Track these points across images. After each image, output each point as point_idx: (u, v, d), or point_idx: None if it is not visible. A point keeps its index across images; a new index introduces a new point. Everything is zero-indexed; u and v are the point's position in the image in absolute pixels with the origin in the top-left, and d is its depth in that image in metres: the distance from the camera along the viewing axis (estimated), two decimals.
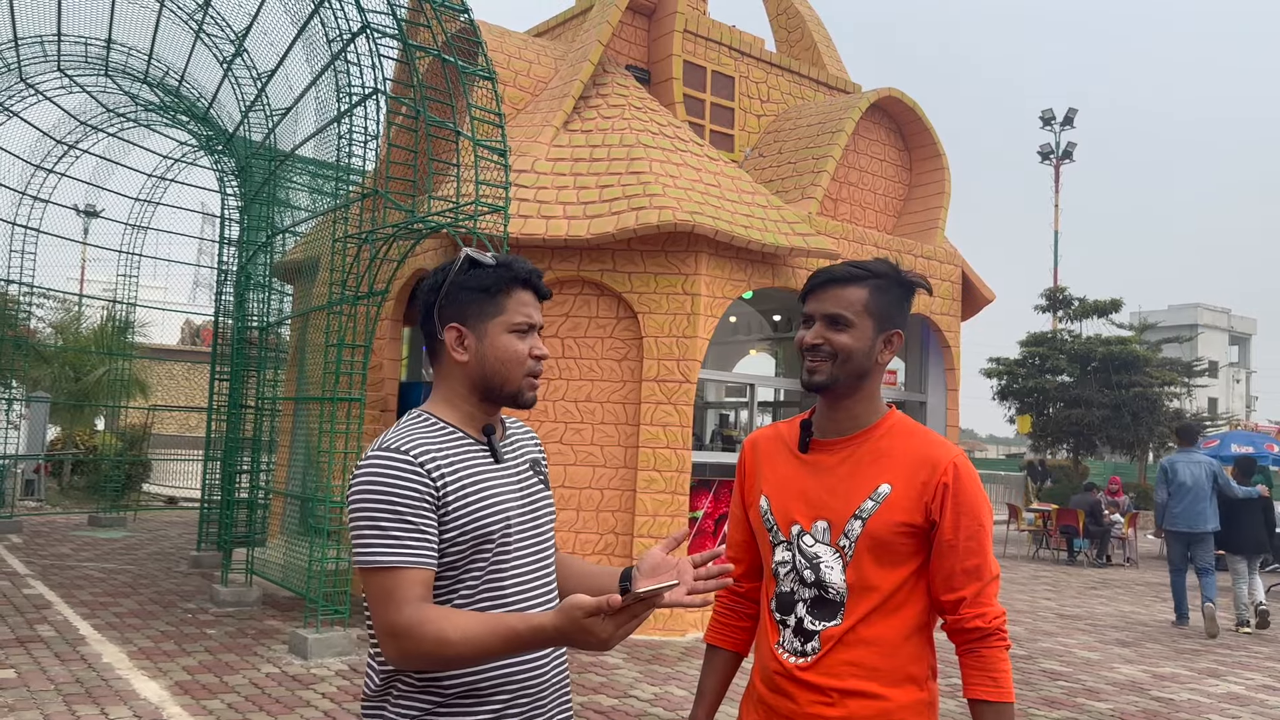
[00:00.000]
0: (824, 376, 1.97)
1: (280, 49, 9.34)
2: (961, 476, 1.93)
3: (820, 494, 1.99)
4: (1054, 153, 34.94)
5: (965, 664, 1.96)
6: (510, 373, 1.85)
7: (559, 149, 9.07)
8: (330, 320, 7.66)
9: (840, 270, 1.99)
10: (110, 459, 15.67)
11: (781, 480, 2.06)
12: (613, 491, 8.45)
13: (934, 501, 1.92)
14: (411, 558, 1.69)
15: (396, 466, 1.72)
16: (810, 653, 1.95)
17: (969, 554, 1.92)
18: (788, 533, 2.01)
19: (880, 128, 11.12)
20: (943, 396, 11.30)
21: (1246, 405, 62.95)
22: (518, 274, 1.86)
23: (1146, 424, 24.27)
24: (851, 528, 1.94)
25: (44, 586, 9.17)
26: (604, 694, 6.36)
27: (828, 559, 1.96)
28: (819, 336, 1.97)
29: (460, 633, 1.62)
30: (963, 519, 1.92)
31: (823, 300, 1.98)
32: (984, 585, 1.93)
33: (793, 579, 2.00)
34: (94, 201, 15.49)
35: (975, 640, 1.94)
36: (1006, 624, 1.96)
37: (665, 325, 8.48)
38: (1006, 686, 1.93)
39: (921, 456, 1.95)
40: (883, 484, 1.94)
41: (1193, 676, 7.88)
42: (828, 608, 1.95)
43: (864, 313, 1.96)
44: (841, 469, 1.99)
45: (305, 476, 8.92)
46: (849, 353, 1.96)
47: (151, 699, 5.81)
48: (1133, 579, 14.36)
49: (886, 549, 1.92)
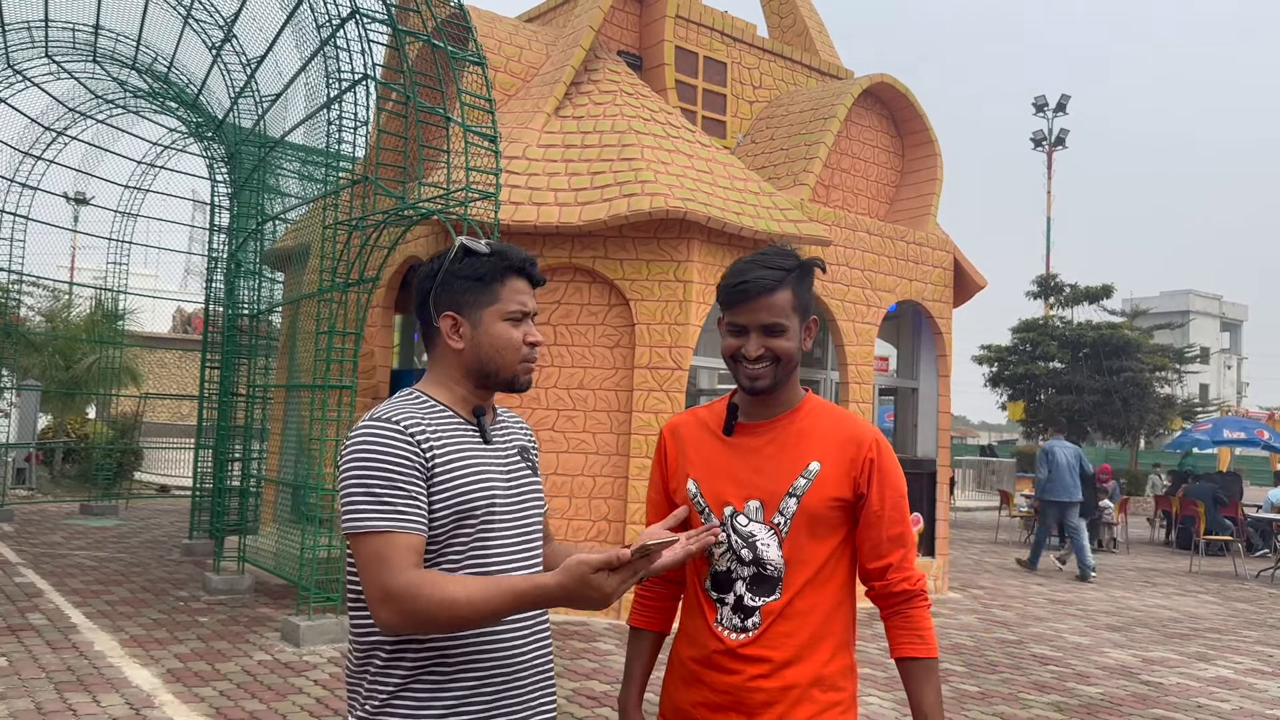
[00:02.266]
0: (768, 382, 2.03)
1: (269, 35, 9.27)
2: (884, 452, 2.06)
3: (749, 474, 2.06)
4: (1047, 139, 34.90)
5: (892, 625, 2.07)
6: (505, 359, 1.88)
7: (550, 135, 9.03)
8: (321, 307, 7.63)
9: (766, 277, 2.01)
10: (102, 447, 15.63)
11: (708, 463, 2.11)
12: (605, 479, 8.45)
13: (861, 476, 2.03)
14: (404, 522, 1.69)
15: (388, 435, 1.74)
16: (751, 628, 2.01)
17: (893, 523, 2.05)
18: (720, 514, 2.07)
19: (872, 114, 11.10)
20: (934, 383, 11.31)
21: (1238, 391, 63.23)
22: (512, 262, 1.89)
23: (1138, 410, 24.34)
24: (787, 505, 2.02)
25: (35, 575, 9.15)
26: (596, 679, 6.37)
27: (763, 537, 2.03)
28: (760, 347, 2.02)
29: (465, 592, 1.63)
30: (887, 491, 2.04)
31: (755, 311, 2.01)
32: (907, 551, 2.06)
33: (729, 558, 2.06)
34: (83, 189, 15.39)
35: (902, 602, 2.05)
36: (926, 586, 2.08)
37: (657, 312, 8.47)
38: (932, 643, 2.04)
39: (847, 435, 2.06)
40: (812, 462, 2.03)
41: (1182, 660, 7.93)
42: (766, 583, 2.02)
43: (793, 312, 2.03)
44: (768, 449, 2.07)
45: (297, 464, 8.90)
46: (790, 354, 2.03)
47: (143, 686, 5.81)
48: (1123, 564, 14.43)
49: (820, 523, 2.02)
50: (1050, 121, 34.92)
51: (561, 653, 7.05)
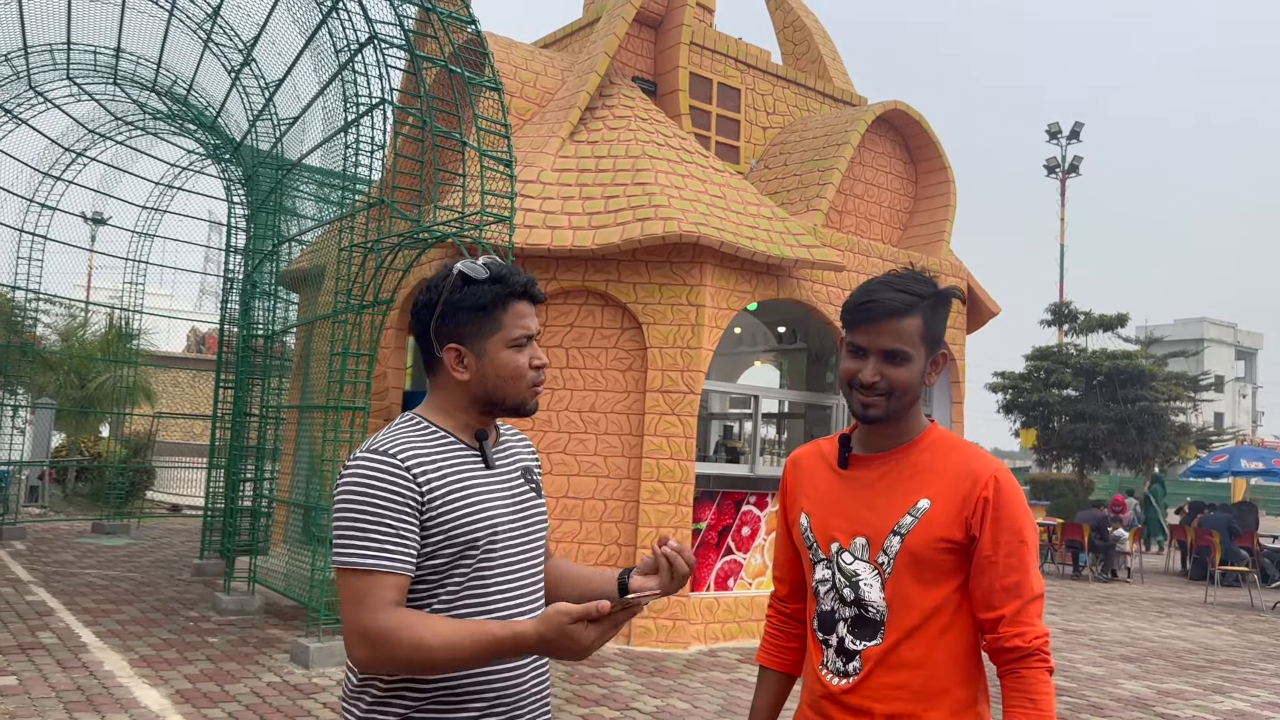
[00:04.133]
0: (880, 411, 1.90)
1: (288, 59, 9.38)
2: (1003, 490, 1.87)
3: (859, 510, 1.95)
4: (1060, 166, 34.89)
5: (1005, 685, 1.88)
6: (513, 388, 1.85)
7: (565, 159, 9.08)
8: (335, 329, 7.66)
9: (896, 300, 1.87)
10: (114, 466, 15.68)
11: (821, 497, 2.02)
12: (616, 502, 8.43)
13: (974, 516, 1.86)
14: (388, 562, 1.68)
15: (381, 469, 1.71)
16: (852, 673, 1.90)
17: (1009, 570, 1.85)
18: (827, 550, 1.97)
19: (886, 140, 11.13)
20: (948, 409, 11.27)
21: (1253, 420, 62.78)
22: (514, 288, 1.84)
23: (1152, 439, 24.17)
24: (890, 544, 1.89)
25: (46, 593, 9.17)
26: (606, 706, 6.33)
27: (866, 576, 1.91)
28: (877, 374, 1.88)
29: (439, 639, 1.61)
30: (1003, 534, 1.86)
31: (880, 334, 1.87)
32: (1024, 604, 1.86)
33: (833, 597, 1.96)
34: (101, 209, 15.56)
35: (1015, 660, 1.86)
36: (1049, 645, 1.89)
37: (670, 336, 8.48)
38: (1047, 710, 1.83)
39: (962, 471, 1.90)
40: (922, 499, 1.89)
41: (1197, 693, 7.83)
42: (868, 627, 1.90)
43: (920, 342, 1.89)
44: (880, 484, 1.94)
45: (309, 485, 8.91)
46: (907, 386, 1.89)
47: (152, 707, 5.80)
48: (1138, 594, 14.29)
49: (926, 565, 1.87)
50: (1064, 148, 34.91)
51: (570, 679, 7.01)
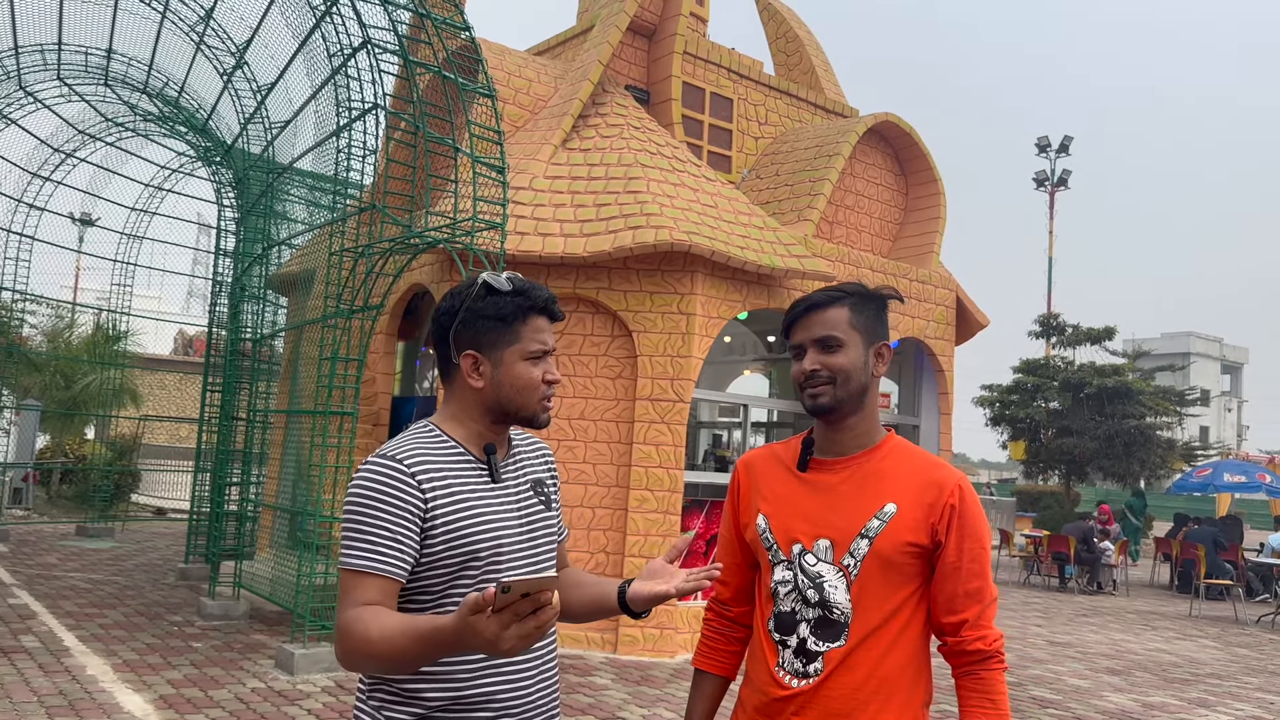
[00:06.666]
0: (828, 399, 1.98)
1: (281, 62, 9.36)
2: (966, 499, 1.95)
3: (822, 512, 1.98)
4: (1049, 179, 35.10)
5: (964, 686, 1.95)
6: (525, 399, 1.88)
7: (557, 167, 9.08)
8: (324, 333, 7.64)
9: (817, 295, 2.03)
10: (99, 469, 15.58)
11: (780, 499, 2.05)
12: (604, 510, 8.42)
13: (940, 522, 1.93)
14: (376, 564, 1.71)
15: (387, 474, 1.75)
16: (813, 674, 1.93)
17: (971, 576, 1.93)
18: (788, 551, 1.99)
19: (877, 152, 11.17)
20: (935, 420, 11.30)
21: (1238, 434, 63.08)
22: (535, 302, 1.88)
23: (1139, 455, 24.25)
24: (858, 546, 1.93)
25: (29, 596, 9.09)
26: (592, 714, 6.31)
27: (831, 578, 1.94)
28: (815, 362, 1.98)
29: (380, 632, 1.61)
30: (966, 541, 1.93)
31: (809, 327, 2.01)
32: (984, 608, 1.94)
33: (794, 599, 1.98)
34: (90, 210, 15.48)
35: (975, 662, 1.94)
36: (1004, 646, 1.96)
37: (660, 344, 8.48)
38: (1004, 709, 1.92)
39: (927, 478, 1.97)
40: (888, 503, 1.94)
41: (1182, 706, 7.85)
42: (832, 628, 1.94)
43: (851, 329, 2.00)
44: (844, 487, 1.99)
45: (295, 490, 8.88)
46: (847, 372, 1.98)
47: (135, 712, 5.75)
48: (1123, 606, 14.33)
49: (892, 568, 1.93)
50: (1052, 162, 35.13)
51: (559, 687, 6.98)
